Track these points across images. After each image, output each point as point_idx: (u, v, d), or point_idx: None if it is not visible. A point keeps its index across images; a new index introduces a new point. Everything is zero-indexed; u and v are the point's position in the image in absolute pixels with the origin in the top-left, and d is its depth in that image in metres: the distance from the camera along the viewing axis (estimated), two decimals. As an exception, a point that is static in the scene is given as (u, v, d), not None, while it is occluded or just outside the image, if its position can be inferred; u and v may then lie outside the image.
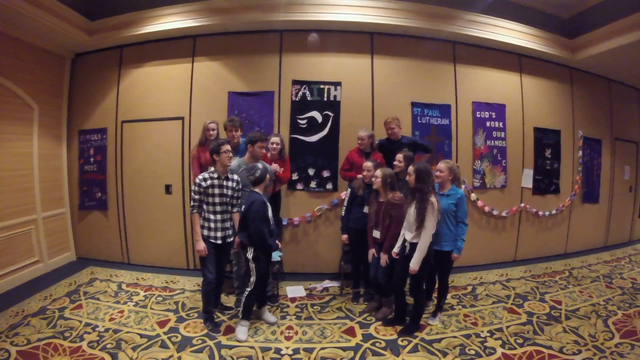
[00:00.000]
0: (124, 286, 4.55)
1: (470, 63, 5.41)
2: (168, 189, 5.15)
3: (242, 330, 3.40)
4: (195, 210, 3.50)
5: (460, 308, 4.07)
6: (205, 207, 3.51)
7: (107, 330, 3.43)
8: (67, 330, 3.43)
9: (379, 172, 3.64)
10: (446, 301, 4.01)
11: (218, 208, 3.53)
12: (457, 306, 4.12)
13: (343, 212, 4.12)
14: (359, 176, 4.04)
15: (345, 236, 4.07)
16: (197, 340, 3.28)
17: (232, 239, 3.61)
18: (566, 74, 6.18)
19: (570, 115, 6.23)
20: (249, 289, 3.41)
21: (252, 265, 3.38)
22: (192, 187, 3.50)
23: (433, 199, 3.22)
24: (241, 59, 5.05)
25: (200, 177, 3.48)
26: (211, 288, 3.54)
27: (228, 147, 3.51)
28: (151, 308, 3.94)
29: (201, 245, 3.46)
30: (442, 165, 3.60)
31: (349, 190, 4.11)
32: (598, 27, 5.36)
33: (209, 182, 3.47)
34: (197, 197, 3.48)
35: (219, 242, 3.55)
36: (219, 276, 3.67)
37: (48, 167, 5.20)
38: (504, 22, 5.23)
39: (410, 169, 3.41)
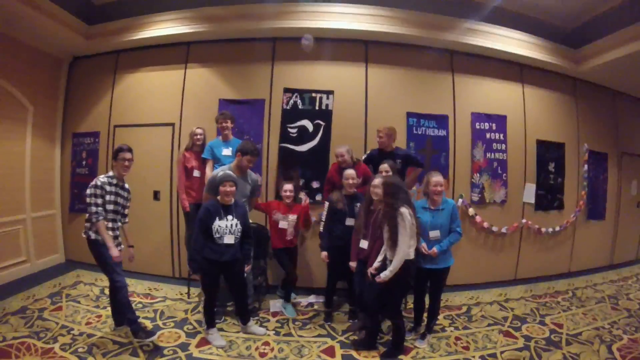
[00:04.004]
0: (106, 291, 4.34)
1: (470, 73, 5.25)
2: (156, 195, 5.11)
3: (212, 338, 3.39)
4: (102, 218, 3.18)
5: (452, 330, 3.83)
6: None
7: (81, 334, 3.40)
8: (42, 330, 3.41)
9: (378, 181, 3.35)
10: (438, 322, 3.79)
11: (110, 215, 3.28)
12: (448, 328, 3.88)
13: (321, 229, 3.89)
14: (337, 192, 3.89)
15: (324, 254, 3.83)
16: (168, 351, 3.18)
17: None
18: (570, 85, 5.98)
19: (574, 128, 6.01)
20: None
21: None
22: (92, 190, 3.16)
23: (404, 210, 3.02)
24: (233, 67, 5.02)
25: (102, 178, 3.23)
26: (126, 291, 3.30)
27: (128, 155, 3.34)
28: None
29: (116, 251, 3.23)
30: (440, 178, 3.39)
31: (327, 204, 3.88)
32: (602, 36, 5.18)
33: (107, 187, 3.24)
34: (99, 200, 3.18)
35: None
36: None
37: (40, 168, 5.24)
38: (504, 31, 5.08)
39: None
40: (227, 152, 4.25)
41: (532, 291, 5.10)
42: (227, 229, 3.26)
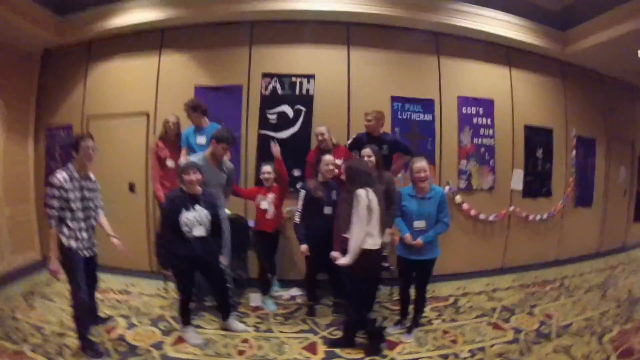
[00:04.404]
0: None
1: (456, 55, 5.07)
2: (132, 187, 4.90)
3: (188, 337, 3.19)
4: (55, 225, 2.77)
5: (440, 323, 3.68)
6: (68, 214, 2.82)
7: (53, 334, 3.22)
8: (13, 330, 3.25)
9: (343, 168, 3.29)
10: (424, 314, 3.62)
11: (80, 214, 2.89)
12: (435, 320, 3.73)
13: (297, 219, 3.62)
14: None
15: (304, 247, 3.56)
16: (142, 350, 3.00)
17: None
18: (557, 69, 5.83)
19: (562, 113, 5.88)
20: None
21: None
22: (49, 191, 2.74)
23: (360, 191, 2.86)
24: (209, 52, 4.80)
25: (60, 175, 2.77)
26: (85, 308, 2.96)
27: (91, 143, 2.87)
28: (104, 312, 3.58)
29: (54, 265, 2.81)
30: (424, 164, 3.18)
31: (303, 192, 3.61)
32: (590, 18, 5.04)
33: (67, 185, 2.79)
34: (56, 203, 2.73)
35: (88, 254, 2.99)
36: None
37: (14, 164, 5.01)
38: (490, 12, 4.90)
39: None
40: (201, 140, 4.01)
41: (520, 280, 4.99)
42: (195, 220, 3.01)
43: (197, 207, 3.03)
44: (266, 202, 3.87)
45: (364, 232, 2.86)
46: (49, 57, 5.34)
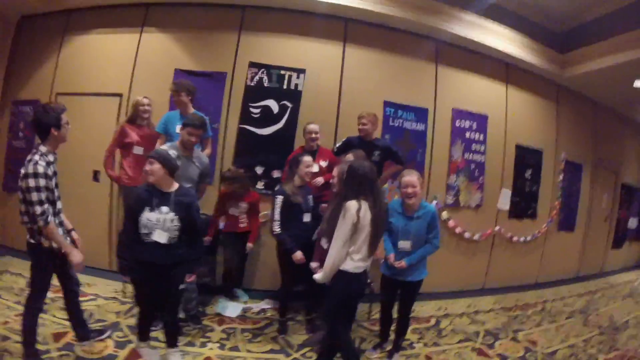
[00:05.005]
0: None
1: (454, 65, 4.88)
2: (96, 175, 4.45)
3: (143, 354, 2.73)
4: (51, 218, 2.37)
5: (422, 346, 3.40)
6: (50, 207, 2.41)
7: None
8: None
9: (335, 170, 2.93)
10: (405, 337, 3.32)
11: (59, 205, 2.53)
12: (417, 343, 3.45)
13: (276, 228, 3.15)
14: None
15: (298, 254, 3.11)
16: None
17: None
18: (553, 91, 5.77)
19: (553, 136, 5.81)
20: None
21: None
22: (33, 182, 2.25)
23: (350, 204, 2.41)
24: (195, 34, 4.44)
25: (42, 162, 2.29)
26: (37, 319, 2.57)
27: (66, 118, 2.43)
28: (53, 315, 3.19)
29: (79, 256, 2.47)
30: (413, 178, 2.82)
31: (280, 198, 3.15)
32: (590, 44, 5.02)
33: (50, 168, 2.36)
34: (43, 195, 2.30)
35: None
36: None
37: None
38: (493, 25, 4.77)
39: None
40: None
41: (501, 303, 4.82)
42: (158, 223, 2.47)
43: (164, 208, 2.49)
44: (237, 210, 3.70)
45: (345, 251, 2.45)
46: (25, 24, 4.93)
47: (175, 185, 2.58)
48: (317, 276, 2.57)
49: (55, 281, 2.59)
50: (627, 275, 7.24)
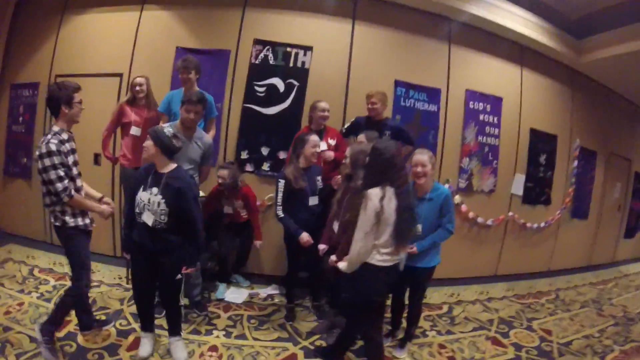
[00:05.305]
0: (36, 271, 3.77)
1: (468, 45, 4.64)
2: (96, 159, 4.29)
3: (140, 343, 2.64)
4: (74, 192, 2.35)
5: (435, 335, 3.28)
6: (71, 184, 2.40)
7: None
8: None
9: (349, 150, 2.74)
10: (418, 325, 3.20)
11: (79, 183, 2.48)
12: (430, 332, 3.33)
13: (280, 213, 2.97)
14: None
15: (304, 236, 2.92)
16: (93, 355, 2.50)
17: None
18: (568, 76, 5.53)
19: (567, 121, 5.60)
20: None
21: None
22: (48, 161, 2.23)
23: (373, 192, 2.16)
24: (197, 10, 4.22)
25: (54, 140, 2.26)
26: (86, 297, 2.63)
27: (78, 97, 2.39)
28: (55, 303, 3.11)
29: (108, 208, 2.53)
30: (424, 157, 2.63)
31: (282, 182, 2.96)
32: (606, 30, 4.83)
33: (65, 146, 2.34)
34: (62, 171, 2.27)
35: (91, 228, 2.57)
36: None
37: None
38: (508, 5, 4.51)
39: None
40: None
41: (514, 290, 4.69)
42: (147, 204, 2.35)
43: (154, 189, 2.34)
44: (231, 208, 3.59)
45: (370, 243, 2.20)
46: (23, 4, 4.77)
47: (171, 167, 2.41)
48: (342, 265, 2.35)
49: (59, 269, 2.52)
50: (639, 265, 7.10)
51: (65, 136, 2.36)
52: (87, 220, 2.49)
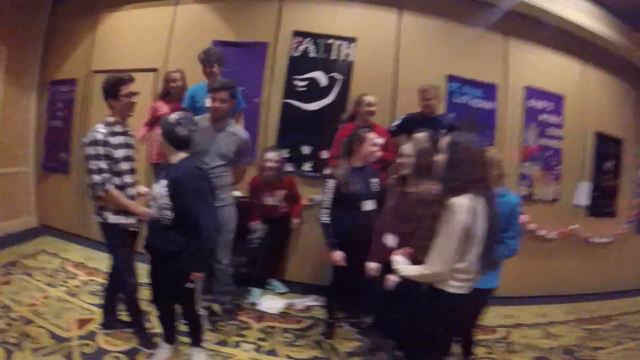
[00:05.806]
0: (67, 265, 3.82)
1: (525, 38, 4.25)
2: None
3: (157, 352, 2.43)
4: (110, 186, 2.25)
5: (491, 364, 2.86)
6: (116, 179, 2.31)
7: (20, 318, 2.69)
8: None
9: (410, 149, 2.35)
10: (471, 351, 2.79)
11: (128, 179, 2.36)
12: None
13: (324, 218, 2.71)
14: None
15: (339, 254, 2.65)
16: (110, 358, 2.37)
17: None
18: (632, 75, 5.00)
19: (633, 124, 5.05)
20: None
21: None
22: (91, 150, 2.19)
23: (460, 202, 1.68)
24: (233, 3, 4.20)
25: (101, 129, 2.23)
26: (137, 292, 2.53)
27: (133, 88, 2.32)
28: (81, 299, 3.11)
29: (144, 210, 2.33)
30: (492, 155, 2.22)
31: (333, 182, 2.69)
32: None
33: (112, 140, 2.26)
34: (103, 164, 2.21)
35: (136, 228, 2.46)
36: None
37: (13, 120, 4.67)
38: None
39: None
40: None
41: (575, 313, 4.16)
42: (154, 196, 2.20)
43: (163, 181, 2.14)
44: (272, 199, 3.43)
45: (449, 266, 1.72)
46: (59, 4, 4.93)
47: (180, 157, 2.18)
48: (406, 270, 1.91)
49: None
50: None
51: (118, 128, 2.32)
52: (132, 220, 2.37)
